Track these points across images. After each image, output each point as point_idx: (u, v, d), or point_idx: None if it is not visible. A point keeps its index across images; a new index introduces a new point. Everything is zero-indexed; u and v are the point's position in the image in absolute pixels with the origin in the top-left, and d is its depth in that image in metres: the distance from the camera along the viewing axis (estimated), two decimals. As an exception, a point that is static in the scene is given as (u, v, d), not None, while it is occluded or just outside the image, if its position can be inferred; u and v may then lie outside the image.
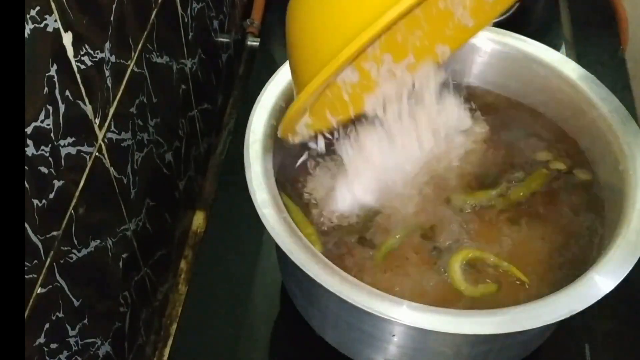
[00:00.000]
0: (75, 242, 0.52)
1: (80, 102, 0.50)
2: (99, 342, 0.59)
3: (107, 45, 0.54)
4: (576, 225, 0.59)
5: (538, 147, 0.64)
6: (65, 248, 0.50)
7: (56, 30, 0.45)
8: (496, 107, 0.67)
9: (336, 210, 0.58)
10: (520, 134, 0.65)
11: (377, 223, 0.58)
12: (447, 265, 0.55)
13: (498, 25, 0.92)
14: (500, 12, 0.60)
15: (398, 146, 0.60)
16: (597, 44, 0.93)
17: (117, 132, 0.58)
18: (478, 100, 0.67)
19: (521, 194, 0.60)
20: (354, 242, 0.57)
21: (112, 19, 0.54)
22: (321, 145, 0.58)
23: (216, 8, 0.86)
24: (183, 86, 0.76)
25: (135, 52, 0.60)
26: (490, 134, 0.65)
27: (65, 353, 0.52)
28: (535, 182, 0.61)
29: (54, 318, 0.50)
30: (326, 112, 0.58)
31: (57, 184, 0.48)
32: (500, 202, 0.60)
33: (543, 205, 0.60)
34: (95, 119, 0.53)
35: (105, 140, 0.55)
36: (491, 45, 0.65)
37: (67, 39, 0.47)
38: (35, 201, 0.45)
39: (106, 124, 0.55)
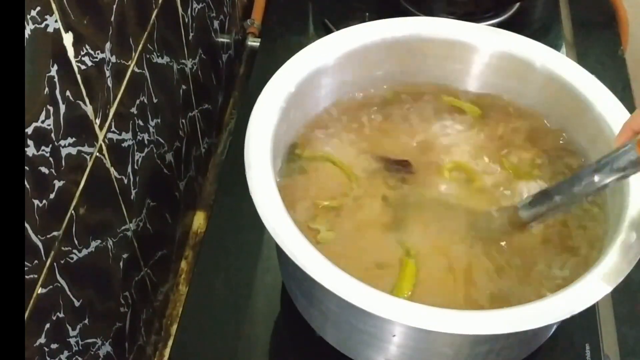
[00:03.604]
0: (76, 242, 0.52)
1: (80, 102, 0.50)
2: (100, 343, 0.59)
3: (108, 45, 0.54)
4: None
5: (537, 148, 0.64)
6: (66, 248, 0.50)
7: (57, 31, 0.45)
8: (496, 107, 0.67)
9: None
10: (520, 134, 0.65)
11: None
12: None
13: (498, 25, 0.92)
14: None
15: None
16: (597, 44, 0.93)
17: (117, 132, 0.58)
18: (478, 100, 0.67)
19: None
20: None
21: (112, 19, 0.54)
22: None
23: (217, 8, 0.86)
24: (183, 86, 0.76)
25: (135, 53, 0.60)
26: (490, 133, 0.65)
27: (66, 353, 0.52)
28: None
29: (54, 318, 0.50)
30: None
31: (58, 184, 0.48)
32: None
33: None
34: (95, 119, 0.53)
35: (106, 141, 0.55)
36: (491, 45, 0.65)
37: (68, 39, 0.47)
38: (36, 201, 0.45)
39: (107, 124, 0.55)
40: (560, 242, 0.58)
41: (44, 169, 0.45)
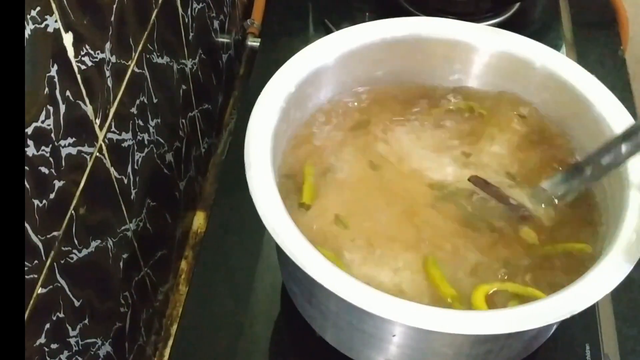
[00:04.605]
0: (76, 242, 0.52)
1: (80, 102, 0.50)
2: (100, 343, 0.59)
3: (108, 45, 0.54)
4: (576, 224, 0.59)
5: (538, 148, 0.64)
6: (66, 248, 0.50)
7: (57, 31, 0.45)
8: (496, 107, 0.67)
9: None
10: (520, 134, 0.65)
11: None
12: (470, 303, 0.54)
13: (498, 25, 0.92)
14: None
15: None
16: (597, 44, 0.93)
17: (117, 132, 0.58)
18: (478, 101, 0.67)
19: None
20: None
21: (112, 19, 0.54)
22: None
23: (216, 8, 0.86)
24: (183, 86, 0.76)
25: (135, 53, 0.60)
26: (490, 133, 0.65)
27: (66, 353, 0.52)
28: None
29: (54, 318, 0.50)
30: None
31: (58, 184, 0.48)
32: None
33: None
34: (95, 119, 0.53)
35: (106, 141, 0.55)
36: (491, 45, 0.65)
37: (68, 39, 0.47)
38: (36, 201, 0.45)
39: (107, 124, 0.55)
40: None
41: (44, 169, 0.46)
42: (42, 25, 0.43)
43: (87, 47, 0.50)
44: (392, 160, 0.63)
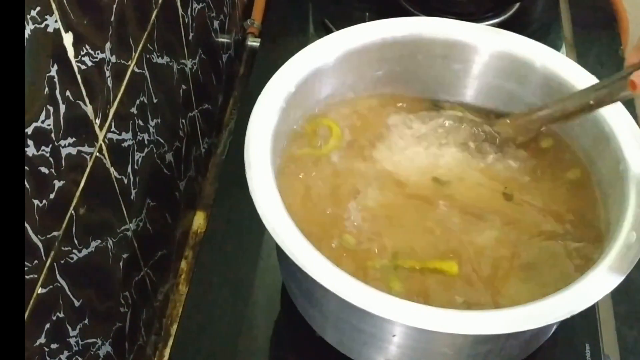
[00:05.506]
0: (76, 242, 0.52)
1: (80, 102, 0.50)
2: (100, 343, 0.59)
3: (108, 45, 0.54)
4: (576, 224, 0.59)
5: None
6: (66, 248, 0.50)
7: (57, 31, 0.45)
8: (496, 107, 0.67)
9: None
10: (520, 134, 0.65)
11: None
12: None
13: (498, 25, 0.92)
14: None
15: None
16: (597, 44, 0.93)
17: (117, 132, 0.58)
18: (477, 100, 0.67)
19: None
20: None
21: (112, 19, 0.54)
22: None
23: (216, 8, 0.86)
24: (183, 86, 0.76)
25: (135, 53, 0.60)
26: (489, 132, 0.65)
27: (66, 353, 0.52)
28: None
29: (54, 318, 0.50)
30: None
31: (58, 184, 0.48)
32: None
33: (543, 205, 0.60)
34: (95, 119, 0.53)
35: (106, 141, 0.55)
36: (491, 45, 0.65)
37: (68, 39, 0.47)
38: (36, 201, 0.45)
39: (107, 124, 0.55)
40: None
41: (44, 169, 0.46)
42: (42, 25, 0.43)
43: (87, 47, 0.50)
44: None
